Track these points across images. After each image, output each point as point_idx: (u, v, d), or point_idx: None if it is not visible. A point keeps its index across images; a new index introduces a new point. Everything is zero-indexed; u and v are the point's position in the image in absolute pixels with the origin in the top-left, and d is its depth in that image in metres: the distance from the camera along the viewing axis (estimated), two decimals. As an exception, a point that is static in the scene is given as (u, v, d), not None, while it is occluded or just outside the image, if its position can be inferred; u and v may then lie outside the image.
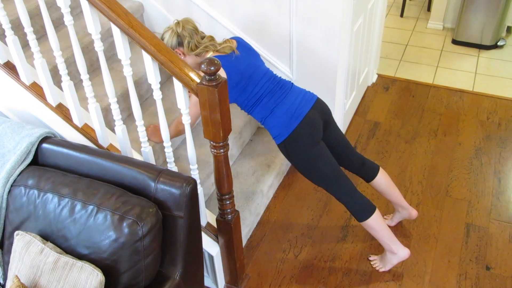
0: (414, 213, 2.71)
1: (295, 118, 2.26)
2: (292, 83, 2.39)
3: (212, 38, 2.32)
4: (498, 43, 4.56)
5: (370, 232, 2.45)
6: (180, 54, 2.29)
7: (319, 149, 2.30)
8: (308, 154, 2.29)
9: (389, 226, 2.79)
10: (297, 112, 2.27)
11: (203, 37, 2.31)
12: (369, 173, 2.58)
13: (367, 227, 2.42)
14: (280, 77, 2.41)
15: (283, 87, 2.34)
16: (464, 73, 4.24)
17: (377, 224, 2.39)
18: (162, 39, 2.32)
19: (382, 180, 2.59)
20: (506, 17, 4.45)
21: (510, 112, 3.71)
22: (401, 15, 5.25)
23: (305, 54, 2.85)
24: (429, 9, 5.29)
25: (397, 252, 2.46)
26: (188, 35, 2.25)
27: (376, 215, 2.38)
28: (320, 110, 2.35)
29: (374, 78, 4.11)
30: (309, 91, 2.39)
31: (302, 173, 2.40)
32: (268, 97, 2.30)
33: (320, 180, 2.38)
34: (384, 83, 4.09)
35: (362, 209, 2.38)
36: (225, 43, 2.31)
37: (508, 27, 4.78)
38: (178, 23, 2.27)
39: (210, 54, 2.29)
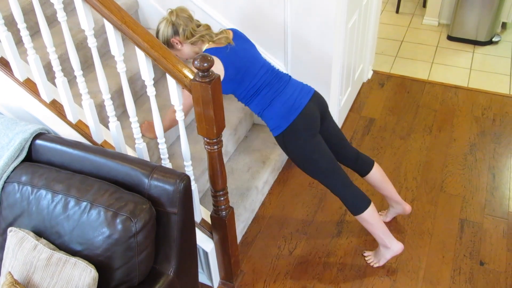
0: (408, 208, 2.72)
1: (293, 110, 2.26)
2: (290, 76, 2.40)
3: (208, 27, 2.32)
4: (493, 39, 4.57)
5: (364, 226, 2.46)
6: (177, 43, 2.28)
7: (316, 142, 2.31)
8: (305, 146, 2.30)
9: (384, 222, 2.80)
10: (295, 104, 2.28)
11: (198, 25, 2.29)
12: (363, 167, 2.59)
13: (361, 221, 2.43)
14: (278, 69, 2.41)
15: (282, 79, 2.35)
16: (459, 69, 4.24)
17: (371, 217, 2.40)
18: (158, 30, 2.31)
19: (377, 174, 2.60)
20: (501, 13, 4.46)
21: (505, 108, 3.72)
22: (397, 11, 5.25)
23: (300, 50, 2.85)
24: (424, 5, 5.29)
25: (391, 247, 2.47)
26: (182, 23, 2.24)
27: (371, 209, 2.39)
28: (318, 103, 2.36)
29: (369, 74, 4.11)
30: (307, 84, 2.40)
31: (299, 165, 2.41)
32: (266, 89, 2.31)
33: (316, 173, 2.39)
34: (379, 79, 4.09)
35: (357, 202, 2.39)
36: (221, 34, 2.30)
37: (503, 23, 4.78)
38: (172, 12, 2.26)
39: (206, 46, 2.28)
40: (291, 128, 2.26)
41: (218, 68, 2.16)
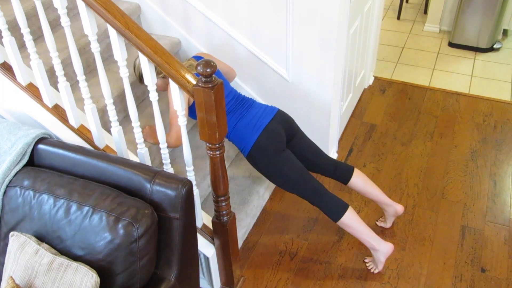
0: (399, 208, 2.71)
1: (256, 130, 2.39)
2: (253, 100, 2.54)
3: None
4: (494, 46, 4.57)
5: (349, 232, 2.48)
6: None
7: (283, 156, 2.40)
8: (273, 161, 2.39)
9: (385, 228, 2.80)
10: (257, 124, 2.41)
11: None
12: (344, 175, 2.62)
13: (343, 227, 2.46)
14: (244, 95, 2.54)
15: (245, 104, 2.49)
16: (460, 75, 4.25)
17: (351, 222, 2.43)
18: (134, 65, 2.48)
19: (358, 180, 2.63)
20: (502, 20, 4.47)
21: (506, 114, 3.72)
22: (398, 18, 5.27)
23: (301, 56, 2.85)
24: (425, 12, 5.31)
25: (380, 248, 2.47)
26: None
27: (349, 213, 2.42)
28: (281, 121, 2.48)
29: (370, 81, 4.12)
30: (271, 106, 2.53)
31: (273, 182, 2.49)
32: (230, 115, 2.43)
33: (290, 186, 2.46)
34: (381, 86, 4.10)
35: (334, 208, 2.43)
36: (187, 62, 2.43)
37: (504, 30, 4.80)
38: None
39: None
40: (256, 146, 2.38)
41: (185, 95, 2.20)
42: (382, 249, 2.48)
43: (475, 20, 4.42)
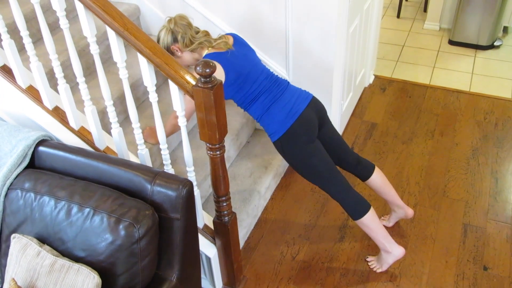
0: (410, 212, 2.71)
1: (291, 116, 2.27)
2: (288, 82, 2.41)
3: (207, 33, 2.33)
4: (495, 43, 4.57)
5: (365, 231, 2.45)
6: (177, 50, 2.30)
7: (314, 147, 2.32)
8: (303, 151, 2.30)
9: (386, 227, 2.80)
10: (293, 109, 2.29)
11: (197, 32, 2.31)
12: (364, 172, 2.59)
13: (362, 226, 2.43)
14: (277, 75, 2.42)
15: (280, 85, 2.36)
16: (460, 73, 4.25)
17: (372, 222, 2.40)
18: (158, 38, 2.33)
19: (378, 179, 2.60)
20: (502, 17, 4.47)
21: (507, 112, 3.71)
22: (398, 16, 5.26)
23: (301, 55, 2.85)
24: (425, 10, 5.30)
25: (392, 251, 2.46)
26: (181, 30, 2.26)
27: (371, 213, 2.39)
28: (315, 109, 2.37)
29: (371, 79, 4.11)
30: (305, 90, 2.41)
31: (297, 171, 2.41)
32: (265, 95, 2.32)
33: (314, 178, 2.40)
34: (381, 84, 4.10)
35: (356, 207, 2.39)
36: (220, 39, 2.32)
37: (505, 27, 4.79)
38: (170, 19, 2.29)
39: (205, 51, 2.29)
40: (288, 133, 2.27)
41: (219, 72, 2.16)
42: (395, 252, 2.47)
43: (475, 18, 4.42)
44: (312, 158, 2.32)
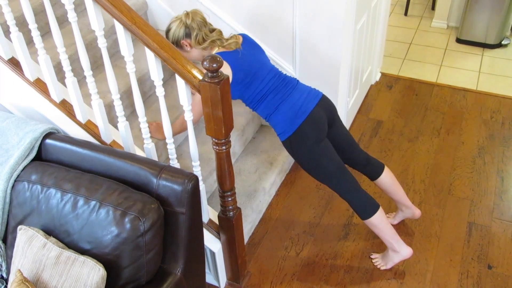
0: (417, 212, 2.71)
1: (300, 115, 2.26)
2: (298, 81, 2.40)
3: (220, 33, 2.34)
4: (502, 42, 4.54)
5: (373, 230, 2.45)
6: (186, 45, 2.30)
7: (323, 146, 2.30)
8: (313, 151, 2.29)
9: (392, 225, 2.79)
10: (302, 109, 2.27)
11: (211, 30, 2.31)
12: (374, 171, 2.57)
13: (370, 225, 2.42)
14: (286, 74, 2.41)
15: (288, 84, 2.35)
16: (468, 72, 4.23)
17: (380, 222, 2.39)
18: (169, 29, 2.32)
19: (387, 179, 2.59)
20: (510, 16, 4.44)
21: (514, 111, 3.70)
22: (405, 14, 5.24)
23: (308, 52, 2.85)
24: (433, 7, 5.28)
25: (400, 251, 2.46)
26: (197, 28, 2.25)
27: (380, 213, 2.38)
28: (325, 108, 2.35)
29: (377, 77, 4.10)
30: (315, 89, 2.40)
31: (306, 170, 2.40)
32: (273, 94, 2.31)
33: (324, 177, 2.39)
34: (388, 82, 4.09)
35: (365, 207, 2.38)
36: (231, 39, 2.32)
37: (513, 26, 4.77)
38: (187, 14, 2.27)
39: (216, 50, 2.29)
40: (298, 132, 2.26)
41: (227, 72, 2.16)
42: (403, 252, 2.46)
43: (483, 16, 4.40)
44: (321, 158, 2.31)
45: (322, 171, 2.36)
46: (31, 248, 1.73)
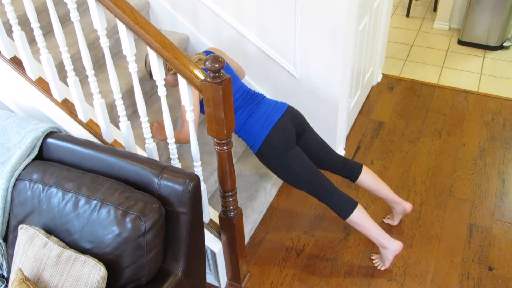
0: (407, 206, 2.71)
1: (266, 126, 2.38)
2: (264, 96, 2.53)
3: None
4: (504, 44, 4.54)
5: (357, 229, 2.48)
6: None
7: (293, 153, 2.40)
8: (283, 159, 2.38)
9: (392, 226, 2.80)
10: (267, 120, 2.40)
11: None
12: (352, 172, 2.62)
13: (352, 224, 2.45)
14: (254, 90, 2.54)
15: (255, 99, 2.48)
16: (469, 73, 4.23)
17: (360, 219, 2.42)
18: (145, 61, 2.53)
19: (367, 177, 2.62)
20: (512, 18, 4.44)
21: (515, 113, 3.70)
22: (407, 15, 5.24)
23: (309, 52, 2.85)
24: (435, 9, 5.28)
25: (389, 246, 2.47)
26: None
27: (358, 210, 2.42)
28: (291, 117, 2.48)
29: (379, 78, 4.10)
30: (281, 102, 2.53)
31: (282, 178, 2.50)
32: (241, 110, 2.43)
33: (298, 183, 2.46)
34: (389, 83, 4.09)
35: (343, 206, 2.42)
36: (197, 56, 2.45)
37: (515, 28, 4.76)
38: None
39: None
40: (266, 143, 2.37)
41: (196, 92, 2.21)
42: (391, 247, 2.48)
43: (485, 18, 4.40)
44: (293, 164, 2.39)
45: (296, 177, 2.43)
46: (32, 247, 1.73)
